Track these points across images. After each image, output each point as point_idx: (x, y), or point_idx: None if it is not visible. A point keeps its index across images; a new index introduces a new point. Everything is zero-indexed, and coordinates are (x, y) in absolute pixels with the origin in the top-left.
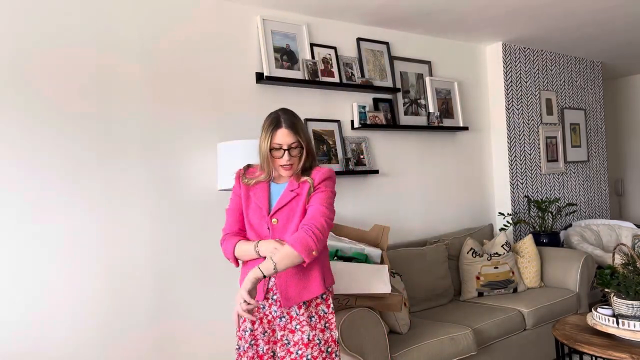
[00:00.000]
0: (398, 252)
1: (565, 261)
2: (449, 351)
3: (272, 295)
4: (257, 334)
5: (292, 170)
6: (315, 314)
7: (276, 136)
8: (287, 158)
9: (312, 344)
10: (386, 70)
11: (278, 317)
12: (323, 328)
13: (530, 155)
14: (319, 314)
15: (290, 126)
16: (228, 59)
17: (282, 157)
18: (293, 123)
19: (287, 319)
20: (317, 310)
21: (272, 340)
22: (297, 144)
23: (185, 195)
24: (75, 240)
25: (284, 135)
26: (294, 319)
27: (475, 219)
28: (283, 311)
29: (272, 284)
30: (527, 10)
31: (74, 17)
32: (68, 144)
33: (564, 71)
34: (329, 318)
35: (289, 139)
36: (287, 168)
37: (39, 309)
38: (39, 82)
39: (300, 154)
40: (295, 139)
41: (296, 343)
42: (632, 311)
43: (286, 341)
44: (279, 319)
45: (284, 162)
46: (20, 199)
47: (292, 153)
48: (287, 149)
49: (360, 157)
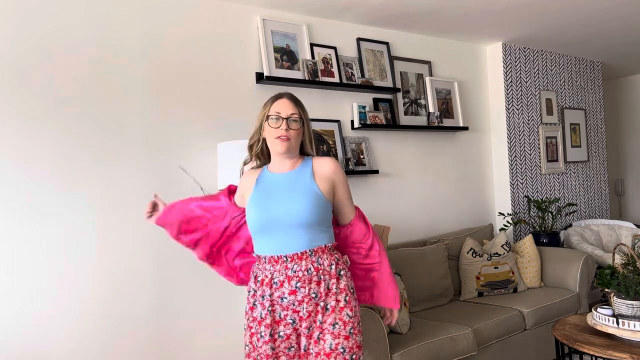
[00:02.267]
0: (398, 252)
1: (565, 261)
2: (449, 351)
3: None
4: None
5: (287, 145)
6: (340, 319)
7: (275, 105)
8: (285, 128)
9: (336, 354)
10: (386, 70)
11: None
12: (348, 335)
13: (530, 155)
14: (343, 319)
15: (292, 98)
16: (228, 59)
17: (279, 127)
18: (296, 99)
19: (312, 328)
20: (341, 316)
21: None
22: (297, 116)
23: (185, 195)
24: (75, 241)
25: (284, 104)
26: (317, 327)
27: (475, 219)
28: (310, 321)
29: (302, 296)
30: (527, 10)
31: (74, 17)
32: (68, 144)
33: (564, 71)
34: (354, 323)
35: (289, 109)
36: (284, 139)
37: (38, 309)
38: (39, 82)
39: (299, 129)
40: (297, 110)
41: (318, 354)
42: (632, 311)
43: (311, 351)
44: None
45: (280, 132)
46: (20, 199)
47: (291, 125)
48: (285, 118)
49: (360, 157)
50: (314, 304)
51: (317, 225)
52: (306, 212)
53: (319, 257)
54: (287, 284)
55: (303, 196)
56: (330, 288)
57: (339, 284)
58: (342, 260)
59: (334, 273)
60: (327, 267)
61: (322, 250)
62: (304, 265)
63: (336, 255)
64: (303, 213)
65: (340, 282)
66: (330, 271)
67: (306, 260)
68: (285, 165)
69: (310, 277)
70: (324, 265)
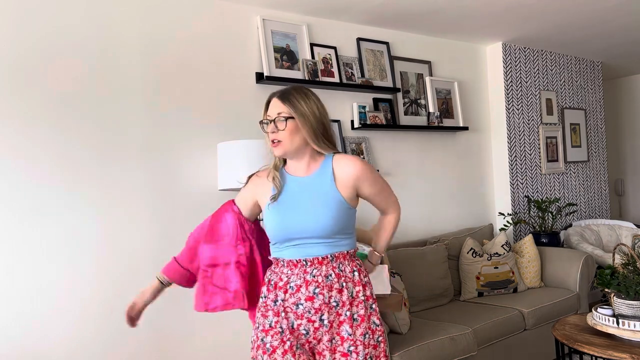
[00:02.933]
0: (398, 252)
1: (565, 261)
2: (449, 351)
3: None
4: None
5: (281, 149)
6: (369, 329)
7: (268, 109)
8: (272, 130)
9: None
10: (386, 70)
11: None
12: (376, 344)
13: (530, 155)
14: (372, 328)
15: (282, 95)
16: (228, 59)
17: (270, 132)
18: (289, 92)
19: (337, 340)
20: (369, 325)
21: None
22: (286, 113)
23: (185, 195)
24: (75, 241)
25: (273, 105)
26: (345, 340)
27: (475, 219)
28: (332, 332)
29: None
30: (527, 10)
31: (74, 17)
32: (68, 144)
33: (564, 71)
34: (382, 332)
35: (275, 109)
36: (275, 145)
37: (38, 309)
38: (39, 82)
39: (293, 128)
40: (285, 108)
41: None
42: (632, 311)
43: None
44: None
45: (271, 136)
46: (20, 199)
47: (278, 125)
48: (272, 120)
49: (360, 157)
50: (336, 313)
51: (339, 234)
52: (329, 224)
53: (340, 262)
54: (304, 289)
55: (325, 206)
56: (356, 296)
57: (365, 292)
58: (363, 267)
59: (358, 280)
60: (350, 273)
61: (343, 256)
62: (324, 271)
63: (357, 261)
64: (326, 225)
65: (367, 289)
66: (353, 278)
67: (327, 266)
68: (300, 168)
69: (330, 284)
70: (346, 271)
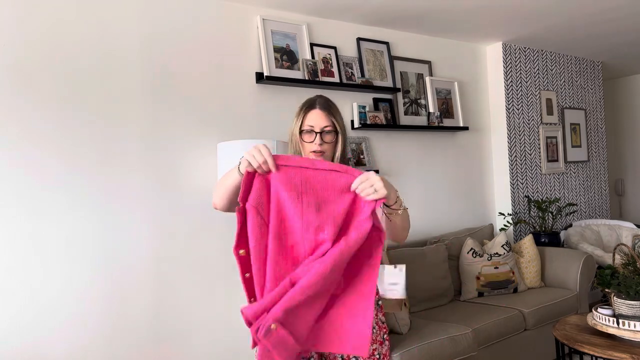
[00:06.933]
0: (398, 252)
1: (565, 261)
2: (449, 351)
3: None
4: None
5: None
6: (376, 324)
7: (308, 118)
8: (319, 142)
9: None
10: (386, 70)
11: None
12: (382, 340)
13: (531, 155)
14: (378, 323)
15: (324, 107)
16: (228, 59)
17: (313, 142)
18: (329, 105)
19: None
20: (377, 320)
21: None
22: (331, 127)
23: (185, 195)
24: (75, 241)
25: (317, 116)
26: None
27: (476, 219)
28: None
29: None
30: (527, 10)
31: (74, 17)
32: (68, 144)
33: (564, 71)
34: (386, 328)
35: (322, 121)
36: (318, 155)
37: (38, 309)
38: (39, 82)
39: (334, 140)
40: (330, 121)
41: None
42: (632, 311)
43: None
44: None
45: (314, 147)
46: (20, 199)
47: (324, 138)
48: (319, 132)
49: (360, 157)
50: None
51: None
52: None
53: None
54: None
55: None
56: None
57: (382, 349)
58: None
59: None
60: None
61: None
62: None
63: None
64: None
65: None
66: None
67: None
68: None
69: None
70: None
